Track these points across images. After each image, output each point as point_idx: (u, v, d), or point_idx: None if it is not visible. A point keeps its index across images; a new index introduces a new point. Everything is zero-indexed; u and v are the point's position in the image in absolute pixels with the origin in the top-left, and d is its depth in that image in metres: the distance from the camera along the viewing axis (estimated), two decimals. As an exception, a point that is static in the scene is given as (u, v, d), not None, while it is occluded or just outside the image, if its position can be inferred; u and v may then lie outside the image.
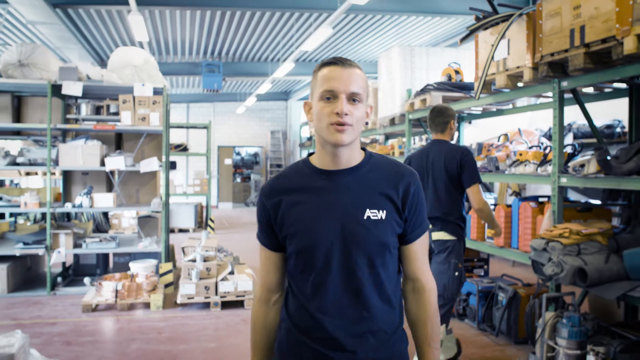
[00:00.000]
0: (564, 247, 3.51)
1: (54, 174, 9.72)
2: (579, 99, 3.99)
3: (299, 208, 1.51)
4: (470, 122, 7.07)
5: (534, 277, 4.88)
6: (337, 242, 1.48)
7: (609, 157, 3.48)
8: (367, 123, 1.56)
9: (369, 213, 1.48)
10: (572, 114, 5.92)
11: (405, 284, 1.63)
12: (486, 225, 4.86)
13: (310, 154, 1.60)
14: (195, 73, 12.61)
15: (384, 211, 1.50)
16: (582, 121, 6.11)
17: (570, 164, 3.88)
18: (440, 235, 3.64)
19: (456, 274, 3.57)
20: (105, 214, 8.71)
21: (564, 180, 3.79)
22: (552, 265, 3.53)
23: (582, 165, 3.80)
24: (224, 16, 8.80)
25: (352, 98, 1.46)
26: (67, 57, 9.90)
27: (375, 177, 1.53)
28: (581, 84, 3.69)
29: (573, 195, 6.76)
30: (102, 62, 11.44)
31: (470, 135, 7.42)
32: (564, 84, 3.79)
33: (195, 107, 18.48)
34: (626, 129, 5.05)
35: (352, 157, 1.52)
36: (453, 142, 3.87)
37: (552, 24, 3.66)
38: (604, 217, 4.15)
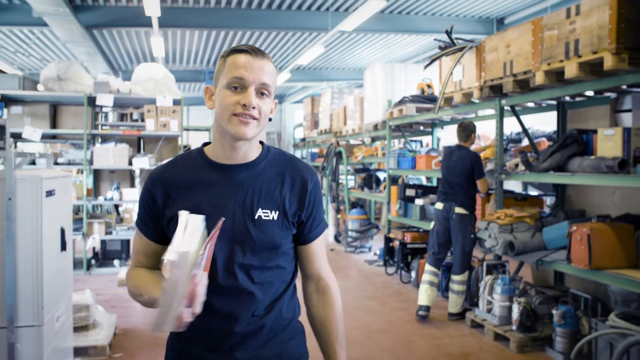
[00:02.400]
0: (500, 227, 4.65)
1: (70, 172, 10.80)
2: (516, 112, 5.16)
3: (186, 204, 1.39)
4: (442, 128, 8.21)
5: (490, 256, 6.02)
6: (223, 242, 1.38)
7: (534, 159, 4.64)
8: (270, 119, 1.46)
9: (260, 213, 1.41)
10: (529, 122, 7.12)
11: (308, 285, 1.56)
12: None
13: (205, 144, 1.51)
14: (198, 80, 13.72)
15: (277, 211, 1.43)
16: (536, 127, 7.27)
17: (507, 163, 5.03)
18: (460, 210, 5.07)
19: (472, 236, 5.02)
20: (117, 210, 9.77)
21: (502, 176, 4.94)
22: (490, 240, 4.69)
23: (517, 165, 4.96)
24: (228, 33, 9.91)
25: (261, 90, 1.37)
26: (85, 67, 10.97)
27: (271, 174, 1.46)
28: (513, 103, 4.85)
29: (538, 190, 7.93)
30: (114, 70, 12.50)
31: (443, 138, 8.58)
32: (503, 101, 4.94)
33: (195, 109, 19.54)
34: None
35: (249, 152, 1.45)
36: (472, 147, 5.28)
37: (492, 57, 4.80)
38: (536, 205, 5.30)
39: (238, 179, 1.43)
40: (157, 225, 1.46)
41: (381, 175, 9.40)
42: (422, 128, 8.26)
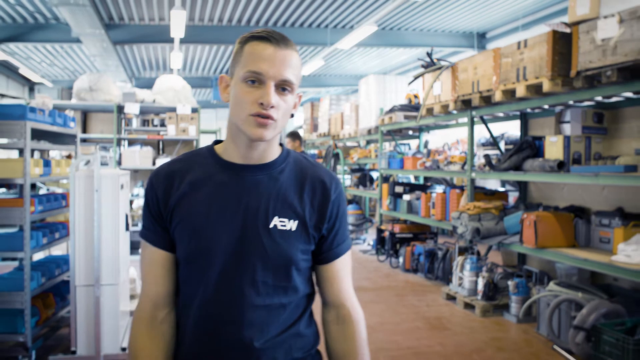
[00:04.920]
0: (469, 216, 5.66)
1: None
2: (484, 121, 6.19)
3: (193, 203, 1.25)
4: (428, 132, 9.23)
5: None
6: (232, 251, 1.23)
7: (497, 160, 5.66)
8: (292, 115, 1.29)
9: (276, 221, 1.25)
10: (505, 128, 8.16)
11: (327, 313, 1.38)
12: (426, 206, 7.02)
13: (216, 142, 1.35)
14: (205, 86, 14.72)
15: (296, 221, 1.27)
16: (511, 132, 8.29)
17: (476, 164, 6.05)
18: None
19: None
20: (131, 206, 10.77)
21: (473, 175, 5.95)
22: (461, 227, 5.70)
23: (485, 165, 5.98)
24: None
25: (283, 87, 1.20)
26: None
27: (290, 179, 1.29)
28: (481, 114, 5.86)
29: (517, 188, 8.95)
30: (129, 77, 13.48)
31: (430, 141, 9.60)
32: (473, 113, 5.95)
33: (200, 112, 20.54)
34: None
35: (267, 152, 1.28)
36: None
37: (463, 76, 5.81)
38: (502, 198, 6.31)
39: (253, 181, 1.26)
40: (165, 230, 1.29)
41: (374, 175, 10.43)
42: (410, 132, 9.27)
